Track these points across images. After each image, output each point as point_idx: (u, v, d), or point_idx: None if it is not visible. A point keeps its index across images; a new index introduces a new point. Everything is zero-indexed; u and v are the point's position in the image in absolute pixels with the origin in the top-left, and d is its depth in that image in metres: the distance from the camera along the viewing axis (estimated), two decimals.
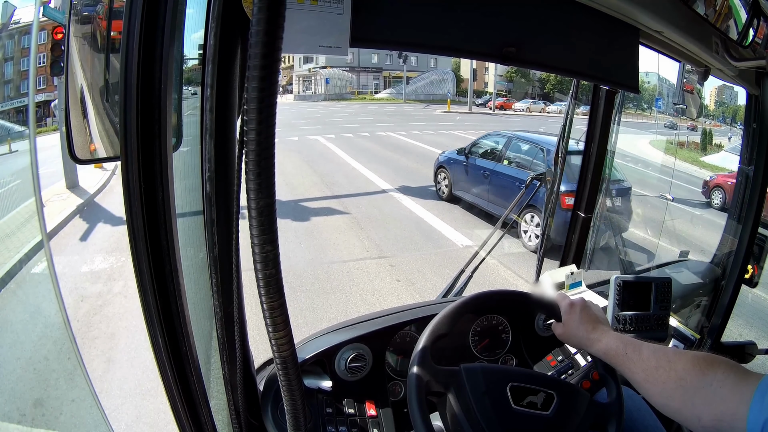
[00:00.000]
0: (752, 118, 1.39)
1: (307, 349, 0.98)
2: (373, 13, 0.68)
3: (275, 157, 0.44)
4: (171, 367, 0.65)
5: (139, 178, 0.56)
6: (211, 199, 0.65)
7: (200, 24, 0.62)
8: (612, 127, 1.44)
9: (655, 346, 0.70)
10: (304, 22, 0.62)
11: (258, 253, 0.46)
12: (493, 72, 36.64)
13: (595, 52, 0.91)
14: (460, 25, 0.74)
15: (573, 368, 1.14)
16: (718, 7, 0.97)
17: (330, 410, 0.91)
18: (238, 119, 0.65)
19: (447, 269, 4.07)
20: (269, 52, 0.40)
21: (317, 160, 9.82)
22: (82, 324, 3.00)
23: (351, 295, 3.64)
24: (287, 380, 0.55)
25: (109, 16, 0.63)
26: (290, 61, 36.96)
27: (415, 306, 1.15)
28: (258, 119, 0.41)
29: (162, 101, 0.55)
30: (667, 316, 1.19)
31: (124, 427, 2.16)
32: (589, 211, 1.51)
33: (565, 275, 1.32)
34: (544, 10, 0.81)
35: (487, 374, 0.77)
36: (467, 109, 27.83)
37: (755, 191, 1.36)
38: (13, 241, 3.78)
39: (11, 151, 6.05)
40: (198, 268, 0.71)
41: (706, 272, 1.62)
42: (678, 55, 1.08)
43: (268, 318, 0.49)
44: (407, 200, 6.58)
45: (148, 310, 0.62)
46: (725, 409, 0.58)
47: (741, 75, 1.22)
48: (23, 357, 2.54)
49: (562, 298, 0.86)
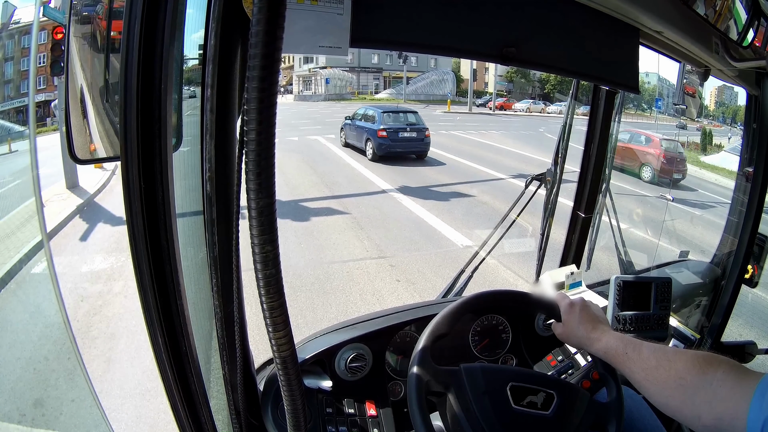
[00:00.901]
0: (752, 118, 1.39)
1: (307, 349, 0.98)
2: (373, 13, 0.68)
3: (275, 157, 0.44)
4: (171, 367, 0.65)
5: (139, 178, 0.56)
6: (211, 199, 0.65)
7: (200, 24, 0.62)
8: (612, 126, 1.44)
9: (655, 346, 0.70)
10: (304, 22, 0.62)
11: (258, 253, 0.46)
12: (493, 72, 36.65)
13: (595, 52, 0.91)
14: (460, 25, 0.74)
15: (573, 368, 1.14)
16: (718, 7, 0.97)
17: (330, 410, 0.91)
18: (238, 119, 0.65)
19: (447, 269, 4.07)
20: (269, 52, 0.40)
21: (317, 160, 9.82)
22: (82, 324, 3.00)
23: (351, 295, 3.64)
24: (287, 380, 0.55)
25: (109, 16, 0.62)
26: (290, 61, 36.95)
27: (415, 306, 1.15)
28: (258, 119, 0.41)
29: (162, 101, 0.55)
30: (667, 316, 1.19)
31: (124, 427, 2.16)
32: (589, 211, 1.51)
33: (565, 275, 1.32)
34: (544, 10, 0.81)
35: (487, 374, 0.77)
36: (467, 110, 27.83)
37: (755, 191, 1.36)
38: (13, 241, 3.78)
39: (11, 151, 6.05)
40: (198, 268, 0.71)
41: (706, 272, 1.62)
42: (678, 56, 1.08)
43: (268, 318, 0.49)
44: (407, 200, 6.58)
45: (148, 310, 0.62)
46: (725, 408, 0.58)
47: (741, 75, 1.22)
48: (23, 357, 2.54)
49: (562, 298, 0.86)
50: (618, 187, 2.72)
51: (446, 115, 24.47)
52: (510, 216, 1.56)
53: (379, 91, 37.19)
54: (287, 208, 5.76)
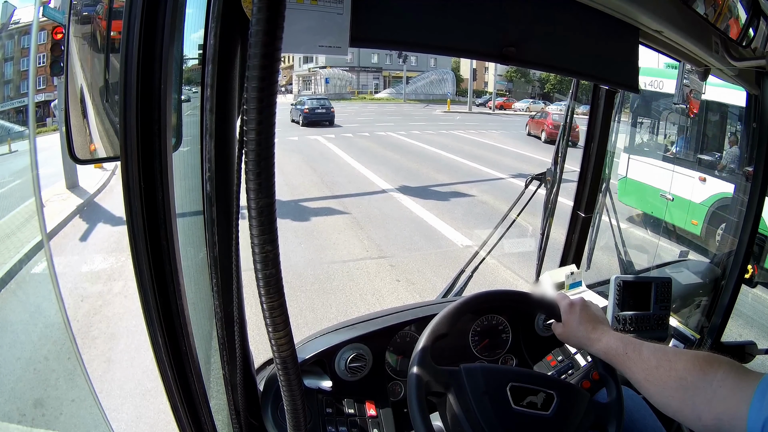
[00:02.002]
0: (752, 118, 1.39)
1: (307, 349, 0.98)
2: (373, 13, 0.68)
3: (275, 157, 0.44)
4: (171, 367, 0.65)
5: (139, 178, 0.56)
6: (211, 199, 0.65)
7: (200, 24, 0.62)
8: (612, 126, 1.44)
9: (656, 346, 0.70)
10: (304, 22, 0.62)
11: (258, 253, 0.46)
12: (493, 72, 36.62)
13: (595, 52, 0.91)
14: (460, 25, 0.74)
15: (573, 368, 1.14)
16: (718, 7, 0.97)
17: (330, 410, 0.91)
18: (238, 119, 0.65)
19: (447, 269, 4.07)
20: (269, 52, 0.40)
21: (317, 160, 9.82)
22: (82, 324, 3.00)
23: (351, 295, 3.64)
24: (287, 380, 0.55)
25: (109, 16, 0.62)
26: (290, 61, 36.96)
27: (415, 306, 1.15)
28: (258, 119, 0.41)
29: (162, 101, 0.55)
30: (667, 316, 1.19)
31: (124, 427, 2.16)
32: (589, 211, 1.51)
33: (565, 275, 1.32)
34: (544, 10, 0.81)
35: (487, 374, 0.77)
36: (467, 109, 27.83)
37: (755, 191, 1.36)
38: (13, 241, 3.78)
39: (11, 151, 6.05)
40: (198, 268, 0.71)
41: (706, 272, 1.62)
42: (678, 55, 1.08)
43: (268, 318, 0.49)
44: (407, 200, 6.58)
45: (148, 310, 0.62)
46: (725, 408, 0.58)
47: (741, 75, 1.22)
48: (23, 357, 2.54)
49: (562, 298, 0.86)
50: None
51: (446, 115, 24.48)
52: (510, 216, 1.56)
53: (378, 91, 37.19)
54: (287, 208, 5.76)
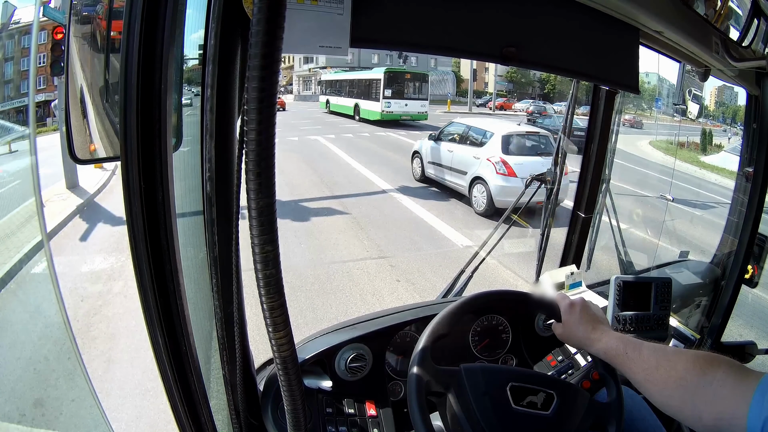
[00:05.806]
0: (752, 118, 1.39)
1: (307, 349, 0.98)
2: (373, 13, 0.68)
3: (275, 157, 0.44)
4: (171, 367, 0.65)
5: (139, 178, 0.56)
6: (211, 199, 0.65)
7: (200, 24, 0.62)
8: (612, 126, 1.44)
9: (656, 346, 0.70)
10: (304, 22, 0.62)
11: (258, 253, 0.46)
12: (493, 72, 36.58)
13: (595, 52, 0.91)
14: (460, 25, 0.74)
15: (573, 368, 1.14)
16: (718, 7, 0.97)
17: (330, 410, 0.91)
18: (238, 119, 0.65)
19: (447, 269, 4.07)
20: (269, 52, 0.40)
21: (317, 160, 9.81)
22: (82, 324, 3.00)
23: (351, 295, 3.64)
24: (287, 380, 0.55)
25: (109, 16, 0.62)
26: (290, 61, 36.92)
27: (415, 306, 1.15)
28: (258, 119, 0.41)
29: (162, 101, 0.55)
30: (667, 316, 1.19)
31: (124, 427, 2.16)
32: (589, 211, 1.51)
33: (565, 275, 1.32)
34: (544, 10, 0.81)
35: (487, 374, 0.77)
36: (467, 110, 27.81)
37: (755, 191, 1.36)
38: (13, 241, 3.77)
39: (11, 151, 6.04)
40: (198, 268, 0.71)
41: (706, 272, 1.62)
42: (678, 55, 1.08)
43: (268, 318, 0.49)
44: (407, 200, 6.58)
45: (148, 310, 0.62)
46: (726, 407, 0.58)
47: (741, 75, 1.22)
48: (23, 357, 2.53)
49: (562, 298, 0.86)
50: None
51: (446, 115, 24.39)
52: (510, 216, 1.56)
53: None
54: (287, 208, 5.76)
